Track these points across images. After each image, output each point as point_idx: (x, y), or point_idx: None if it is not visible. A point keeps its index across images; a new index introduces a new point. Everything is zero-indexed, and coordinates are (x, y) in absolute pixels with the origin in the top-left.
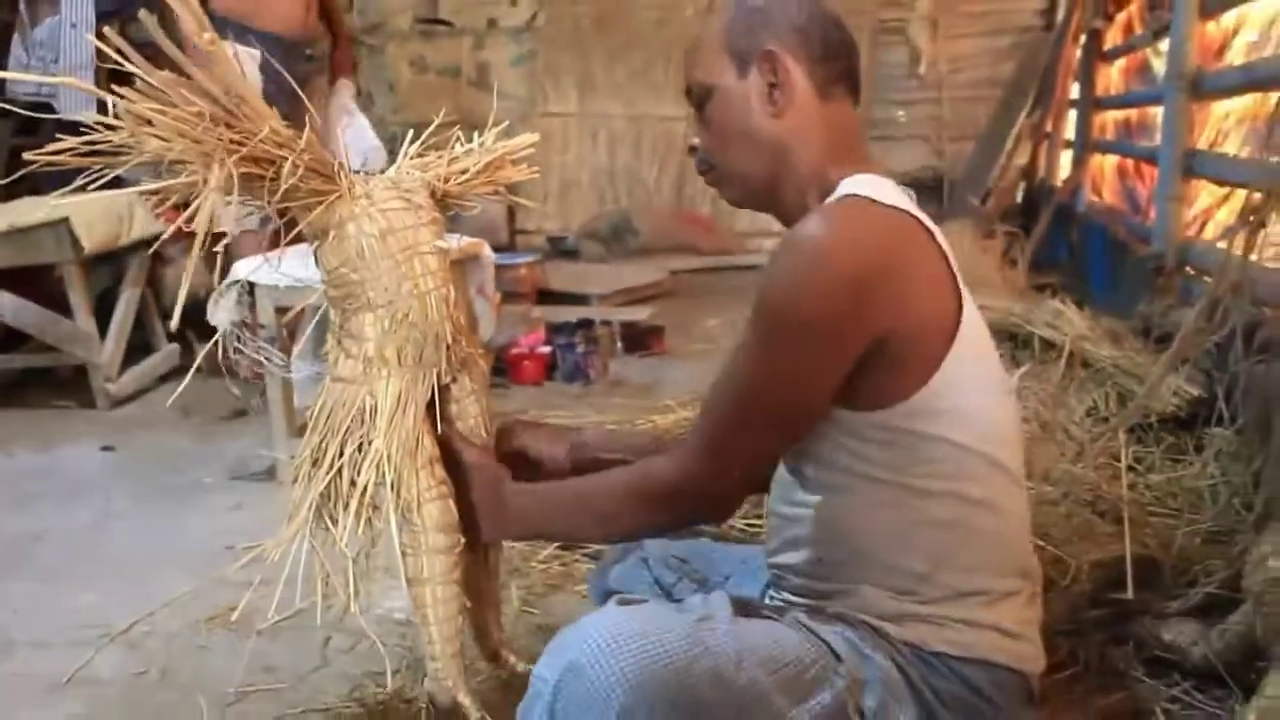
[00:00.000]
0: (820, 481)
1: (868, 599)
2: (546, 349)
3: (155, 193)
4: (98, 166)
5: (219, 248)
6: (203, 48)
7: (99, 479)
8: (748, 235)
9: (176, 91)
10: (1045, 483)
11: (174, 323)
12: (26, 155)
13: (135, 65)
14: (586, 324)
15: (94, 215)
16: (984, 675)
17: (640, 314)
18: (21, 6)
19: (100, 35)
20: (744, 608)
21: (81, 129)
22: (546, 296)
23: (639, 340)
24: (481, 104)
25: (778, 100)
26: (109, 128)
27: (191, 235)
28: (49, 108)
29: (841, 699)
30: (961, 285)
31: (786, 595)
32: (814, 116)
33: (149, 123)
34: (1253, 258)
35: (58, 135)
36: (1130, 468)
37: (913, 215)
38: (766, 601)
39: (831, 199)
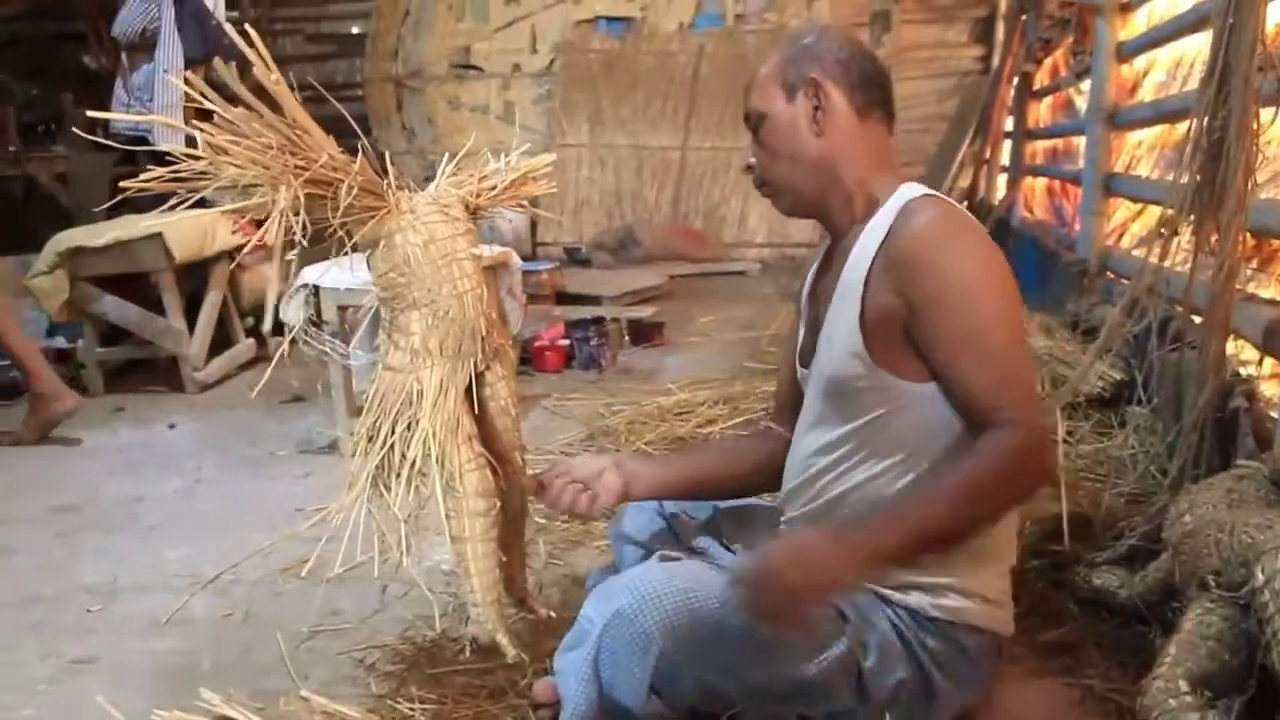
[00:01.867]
0: (845, 455)
1: None
2: (565, 341)
3: (234, 211)
4: (184, 191)
5: (290, 256)
6: (271, 90)
7: (189, 451)
8: (734, 245)
9: (249, 125)
10: None
11: (267, 323)
12: (125, 183)
13: (213, 104)
14: (599, 320)
15: (184, 231)
16: (970, 638)
17: (644, 312)
18: (123, 57)
19: (188, 80)
20: None
21: (168, 159)
22: (564, 297)
23: (643, 334)
24: (507, 136)
25: (821, 121)
26: (193, 158)
27: (263, 247)
28: (146, 141)
29: (846, 655)
30: None
31: None
32: (854, 136)
33: (225, 152)
34: (1165, 264)
35: (150, 165)
36: (1064, 440)
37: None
38: None
39: (894, 201)
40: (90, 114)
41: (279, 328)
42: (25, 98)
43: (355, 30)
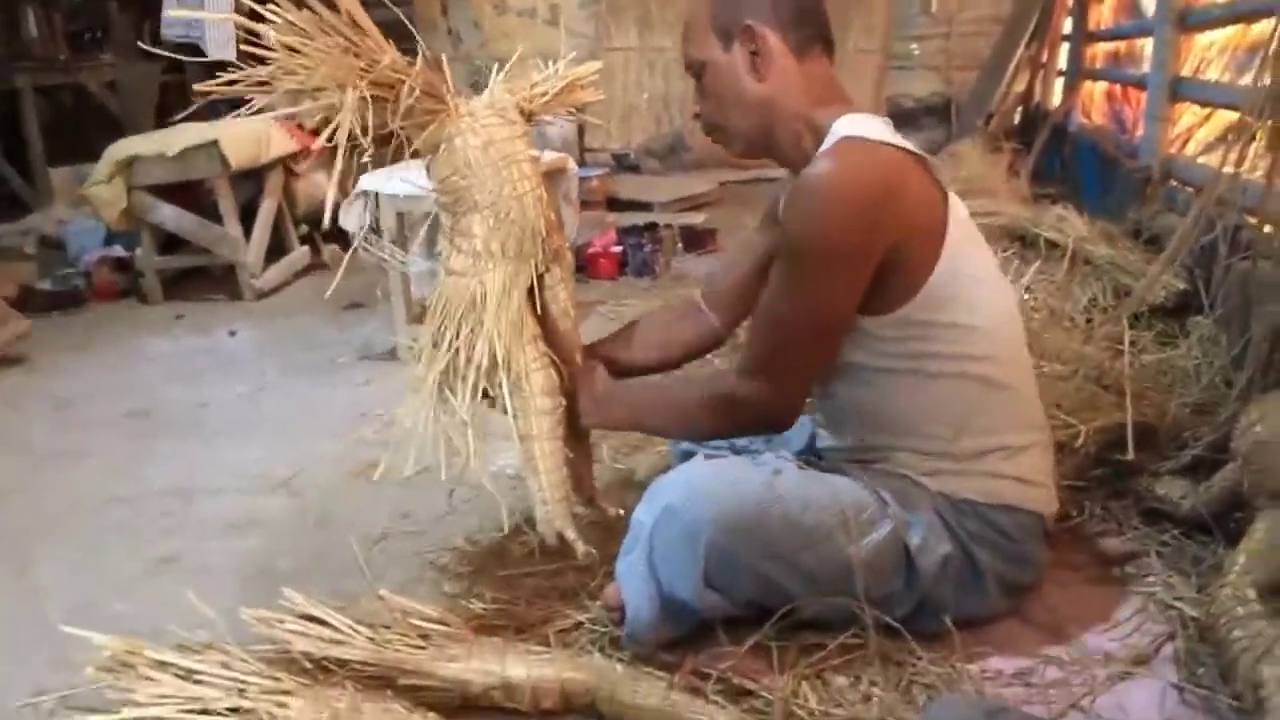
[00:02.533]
0: (851, 377)
1: (904, 462)
2: (618, 248)
3: (297, 115)
4: (255, 95)
5: (365, 159)
6: None
7: (251, 357)
8: None
9: (315, 26)
10: (1057, 361)
11: (326, 224)
12: (199, 87)
13: (278, 5)
14: (651, 227)
15: (239, 137)
16: (1006, 517)
17: (696, 218)
18: None
19: None
20: (808, 463)
21: (231, 65)
22: (615, 204)
23: (696, 240)
24: (554, 41)
25: (760, 67)
26: (261, 60)
27: (317, 153)
28: (196, 49)
29: (892, 535)
30: (950, 193)
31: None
32: (794, 75)
33: (296, 53)
34: (1238, 171)
35: (201, 73)
36: (1128, 349)
37: (896, 145)
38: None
39: (827, 141)
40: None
41: (338, 233)
42: (71, 5)
43: None
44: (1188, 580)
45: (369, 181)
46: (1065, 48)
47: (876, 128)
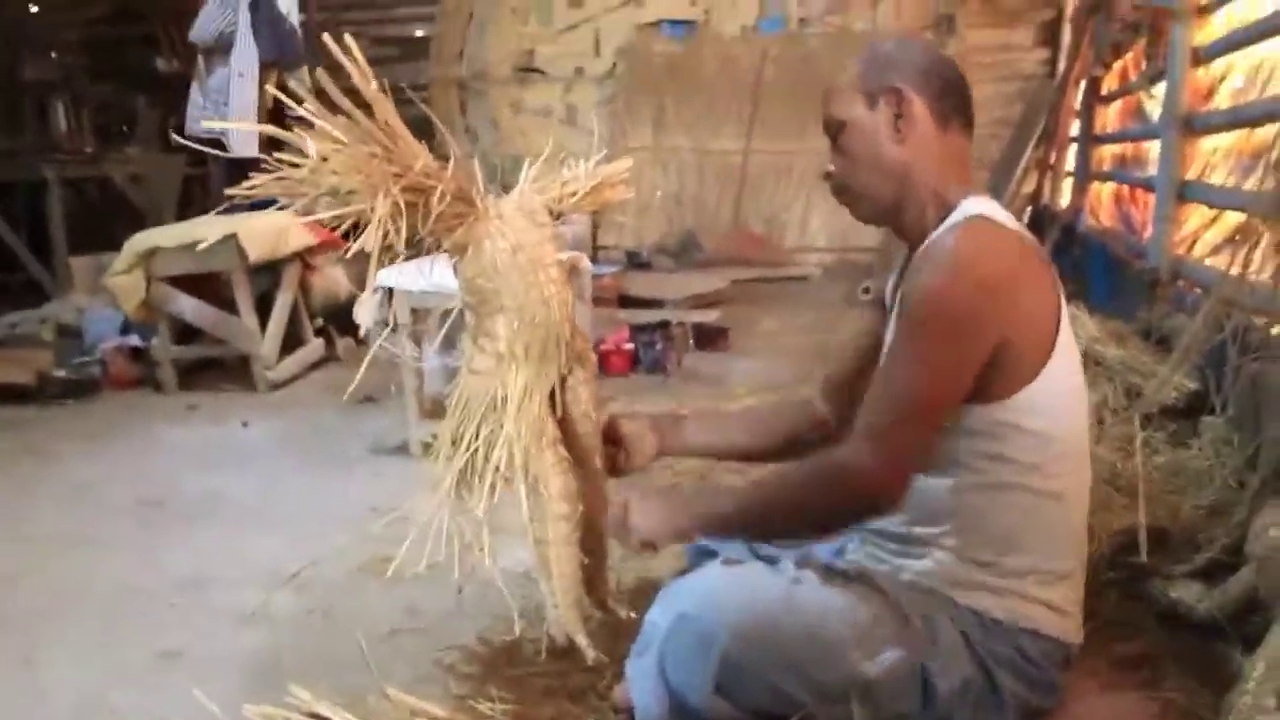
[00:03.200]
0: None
1: (944, 566)
2: (630, 345)
3: (328, 217)
4: (287, 198)
5: (401, 259)
6: (367, 96)
7: (263, 449)
8: (796, 250)
9: (349, 133)
10: None
11: (361, 312)
12: (230, 190)
13: (313, 111)
14: (664, 324)
15: (258, 232)
16: (1033, 643)
17: (708, 316)
18: (200, 60)
19: (263, 83)
20: (828, 573)
21: (263, 166)
22: (627, 301)
23: (708, 338)
24: (570, 139)
25: (902, 129)
26: (295, 165)
27: (333, 247)
28: (221, 145)
29: (909, 655)
30: (1063, 303)
31: (871, 550)
32: (933, 144)
33: (327, 160)
34: (1245, 272)
35: (227, 169)
36: (1139, 450)
37: (1027, 237)
38: (846, 555)
39: (955, 217)
40: (210, 125)
41: (351, 326)
42: (100, 100)
43: (419, 33)
44: (1205, 686)
45: (384, 277)
46: (1073, 149)
47: (1005, 215)
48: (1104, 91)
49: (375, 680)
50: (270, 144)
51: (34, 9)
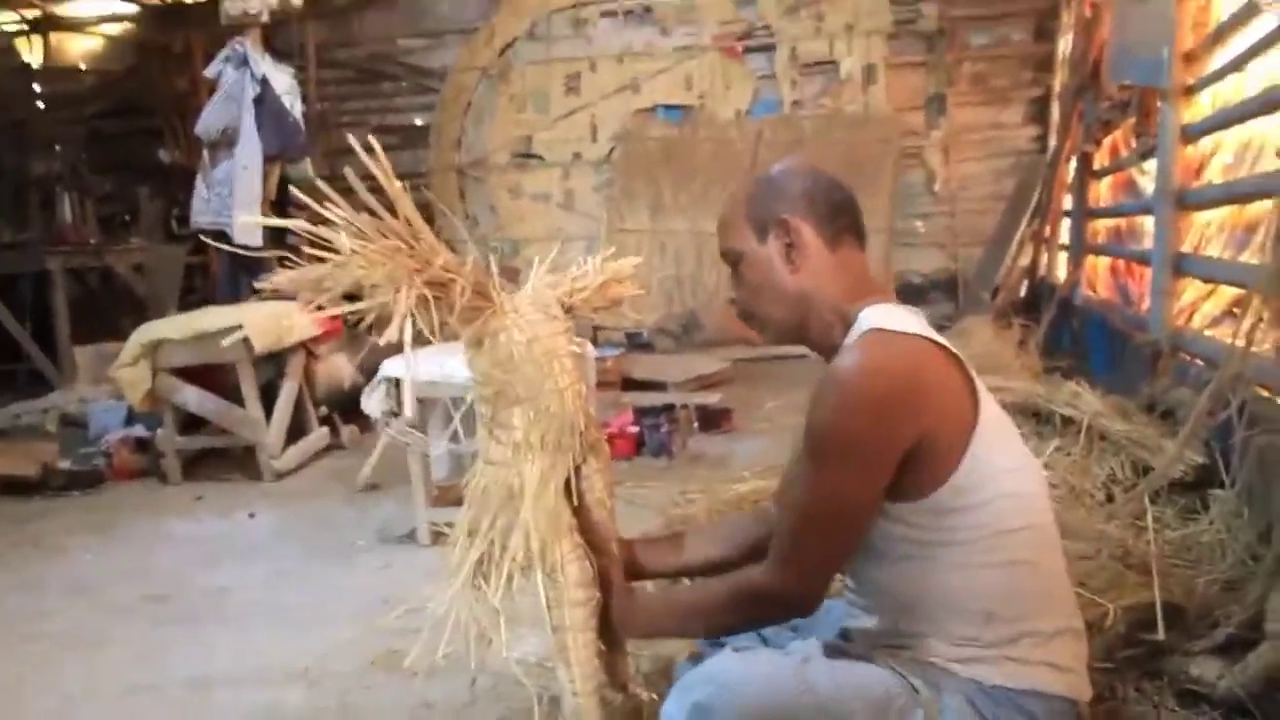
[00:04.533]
0: (884, 561)
1: (934, 648)
2: (635, 428)
3: (357, 312)
4: (314, 295)
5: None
6: (390, 193)
7: (270, 540)
8: None
9: (374, 228)
10: (1080, 540)
11: (368, 403)
12: (258, 284)
13: (339, 209)
14: (669, 408)
15: (262, 322)
16: (1039, 704)
17: (711, 398)
18: (204, 153)
19: (266, 175)
20: (836, 650)
21: (287, 261)
22: (629, 383)
23: (712, 420)
24: (568, 224)
25: (794, 259)
26: (321, 259)
27: (335, 336)
28: (225, 235)
29: None
30: (977, 382)
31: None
32: (827, 266)
33: (354, 253)
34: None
35: (231, 258)
36: (1150, 525)
37: (924, 336)
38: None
39: (854, 333)
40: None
41: (356, 414)
42: (103, 191)
43: (418, 122)
44: None
45: (391, 367)
46: (1067, 223)
47: (903, 318)
48: (1096, 167)
49: None
50: (273, 236)
51: (40, 105)
